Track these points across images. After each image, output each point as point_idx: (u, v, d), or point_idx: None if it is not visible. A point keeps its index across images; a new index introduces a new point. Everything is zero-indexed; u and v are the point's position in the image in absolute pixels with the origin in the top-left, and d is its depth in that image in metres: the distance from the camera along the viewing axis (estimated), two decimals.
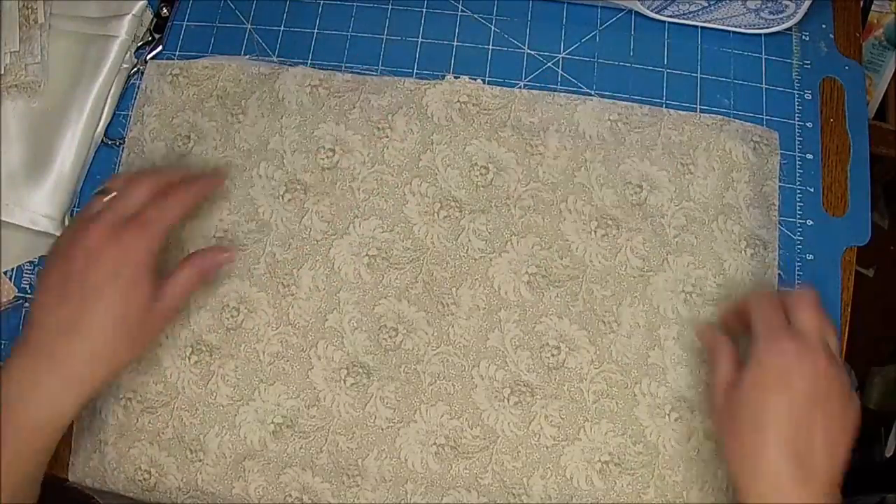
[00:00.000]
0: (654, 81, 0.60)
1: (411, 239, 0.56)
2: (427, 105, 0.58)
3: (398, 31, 0.62)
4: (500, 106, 0.58)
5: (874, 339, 1.14)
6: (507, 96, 0.58)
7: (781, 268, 0.56)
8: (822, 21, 0.62)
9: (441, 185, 0.57)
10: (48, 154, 0.59)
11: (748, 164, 0.57)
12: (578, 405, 0.53)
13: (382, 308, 0.55)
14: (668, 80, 0.60)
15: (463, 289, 0.55)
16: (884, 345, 1.18)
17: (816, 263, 0.57)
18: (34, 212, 0.58)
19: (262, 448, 0.53)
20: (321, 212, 0.57)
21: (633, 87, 0.60)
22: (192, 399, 0.54)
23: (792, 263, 0.56)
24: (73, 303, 0.47)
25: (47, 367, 0.46)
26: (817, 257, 0.57)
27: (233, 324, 0.55)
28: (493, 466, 0.52)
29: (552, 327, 0.54)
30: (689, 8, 0.60)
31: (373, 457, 0.53)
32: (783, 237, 0.57)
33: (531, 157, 0.57)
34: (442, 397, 0.53)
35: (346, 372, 0.54)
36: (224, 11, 0.64)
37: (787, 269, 0.56)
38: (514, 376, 0.54)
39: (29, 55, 0.60)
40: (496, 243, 0.56)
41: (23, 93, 0.60)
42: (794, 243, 0.57)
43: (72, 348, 0.46)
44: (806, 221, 0.57)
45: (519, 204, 0.56)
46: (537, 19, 0.62)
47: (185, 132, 0.59)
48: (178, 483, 0.53)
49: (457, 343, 0.54)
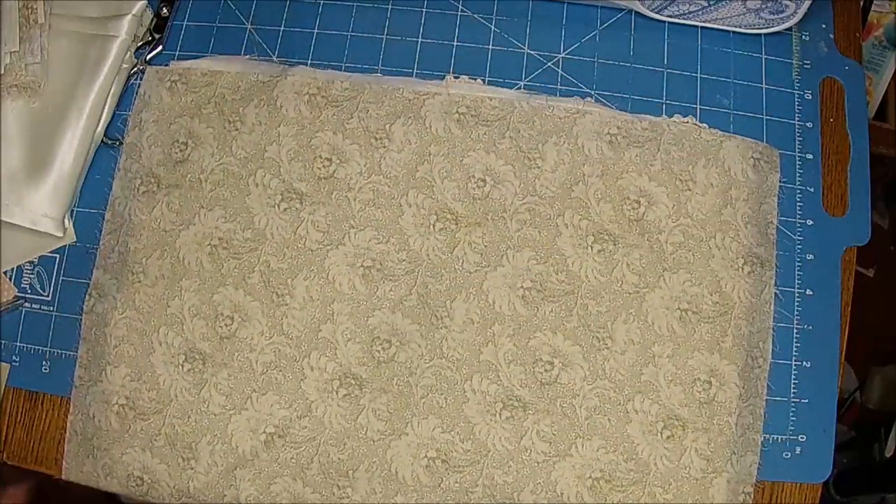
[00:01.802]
0: (654, 81, 0.60)
1: (406, 251, 0.56)
2: (425, 115, 0.58)
3: (398, 31, 0.62)
4: (499, 118, 0.58)
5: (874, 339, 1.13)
6: (506, 108, 0.58)
7: (779, 270, 0.56)
8: (822, 21, 0.62)
9: (437, 196, 0.57)
10: (48, 154, 0.59)
11: (747, 182, 0.56)
12: (570, 421, 0.53)
13: (376, 320, 0.55)
14: (668, 80, 0.60)
15: (457, 302, 0.55)
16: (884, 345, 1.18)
17: (816, 263, 0.57)
18: (34, 212, 0.58)
19: (253, 457, 0.53)
20: (317, 222, 0.56)
21: (633, 87, 0.60)
22: (184, 407, 0.54)
23: (792, 263, 0.56)
24: None
25: None
26: (817, 257, 0.57)
27: (226, 332, 0.55)
28: (483, 481, 0.52)
29: (546, 342, 0.54)
30: (689, 8, 0.60)
31: (363, 468, 0.53)
32: (783, 237, 0.57)
33: (529, 170, 0.57)
34: (434, 410, 0.53)
35: (339, 383, 0.54)
36: (224, 11, 0.64)
37: (787, 270, 0.56)
38: (507, 391, 0.53)
39: (29, 55, 0.60)
40: (492, 257, 0.55)
41: (23, 93, 0.60)
42: (794, 243, 0.57)
43: None
44: (806, 221, 0.57)
45: (516, 217, 0.56)
46: (537, 19, 0.62)
47: (182, 138, 0.59)
48: (170, 490, 0.54)
49: (450, 356, 0.54)
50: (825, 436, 0.54)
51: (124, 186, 0.59)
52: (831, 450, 0.54)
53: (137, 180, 0.59)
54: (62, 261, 0.59)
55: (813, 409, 0.54)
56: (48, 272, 0.59)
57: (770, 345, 0.54)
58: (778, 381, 0.55)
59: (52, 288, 0.59)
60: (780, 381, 0.54)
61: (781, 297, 0.56)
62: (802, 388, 0.55)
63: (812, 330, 0.55)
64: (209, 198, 0.57)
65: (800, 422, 0.54)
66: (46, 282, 0.59)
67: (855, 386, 1.19)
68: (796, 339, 0.55)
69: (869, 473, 1.12)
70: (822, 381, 0.55)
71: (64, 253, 0.59)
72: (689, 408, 0.53)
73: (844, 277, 0.56)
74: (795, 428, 0.54)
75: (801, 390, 0.55)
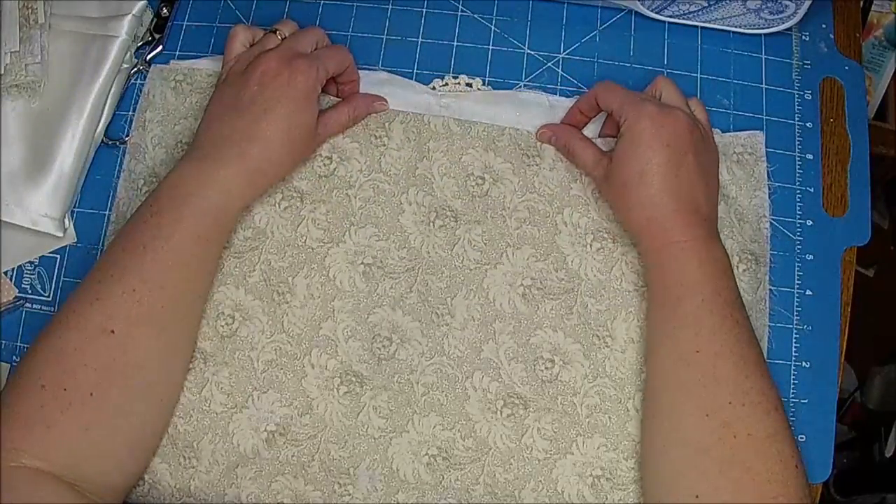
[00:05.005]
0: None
1: (407, 248, 0.56)
2: (424, 113, 0.58)
3: (398, 31, 0.62)
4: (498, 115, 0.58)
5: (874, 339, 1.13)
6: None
7: (779, 270, 0.56)
8: (822, 21, 0.62)
9: (437, 194, 0.57)
10: (48, 154, 0.59)
11: (734, 179, 0.57)
12: (571, 419, 0.53)
13: (377, 317, 0.55)
14: None
15: (458, 299, 0.55)
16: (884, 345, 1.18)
17: (816, 263, 0.57)
18: (34, 212, 0.58)
19: (254, 455, 0.53)
20: (317, 219, 0.57)
21: (633, 87, 0.59)
22: (186, 406, 0.54)
23: (792, 263, 0.56)
24: (248, 115, 0.52)
25: (220, 166, 0.51)
26: (817, 257, 0.57)
27: (227, 331, 0.55)
28: (484, 478, 0.52)
29: (546, 340, 0.54)
30: (689, 8, 0.60)
31: (365, 466, 0.53)
32: (783, 237, 0.57)
33: (528, 168, 0.57)
34: (435, 408, 0.53)
35: (340, 381, 0.54)
36: (224, 11, 0.64)
37: (787, 270, 0.56)
38: (508, 388, 0.53)
39: (29, 55, 0.60)
40: (491, 254, 0.56)
41: (23, 93, 0.60)
42: (793, 243, 0.57)
43: (247, 152, 0.52)
44: (806, 221, 0.57)
45: (515, 215, 0.56)
46: (537, 19, 0.62)
47: (186, 139, 0.59)
48: (171, 489, 0.53)
49: (451, 354, 0.54)
50: (825, 436, 0.54)
51: (128, 187, 0.59)
52: (831, 450, 0.54)
53: (141, 181, 0.59)
54: (63, 261, 0.59)
55: (812, 409, 0.54)
56: (48, 272, 0.59)
57: (766, 343, 0.54)
58: (777, 381, 0.54)
59: (52, 288, 0.59)
60: (779, 381, 0.54)
61: (780, 297, 0.56)
62: (802, 388, 0.55)
63: (812, 330, 0.55)
64: None
65: (799, 422, 0.54)
66: (47, 282, 0.59)
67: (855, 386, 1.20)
68: (796, 339, 0.55)
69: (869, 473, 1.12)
70: (821, 381, 0.55)
71: (64, 253, 0.59)
72: None
73: (844, 277, 0.56)
74: (795, 428, 0.54)
75: (800, 390, 0.55)
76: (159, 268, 0.49)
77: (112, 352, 0.47)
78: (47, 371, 0.47)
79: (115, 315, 0.48)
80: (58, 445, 0.46)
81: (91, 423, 0.47)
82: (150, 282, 0.49)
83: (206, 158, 0.52)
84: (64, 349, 0.47)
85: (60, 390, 0.46)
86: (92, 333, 0.47)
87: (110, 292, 0.48)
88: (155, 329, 0.49)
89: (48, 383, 0.46)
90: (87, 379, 0.47)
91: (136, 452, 0.51)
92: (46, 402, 0.46)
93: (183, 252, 0.50)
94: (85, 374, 0.47)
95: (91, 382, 0.47)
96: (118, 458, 0.49)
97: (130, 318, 0.48)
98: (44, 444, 0.45)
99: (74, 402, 0.46)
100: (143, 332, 0.49)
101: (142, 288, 0.48)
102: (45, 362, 0.47)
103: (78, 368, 0.47)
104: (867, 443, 1.14)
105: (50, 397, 0.46)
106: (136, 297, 0.48)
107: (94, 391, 0.47)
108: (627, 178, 0.50)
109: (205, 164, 0.51)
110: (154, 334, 0.49)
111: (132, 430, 0.49)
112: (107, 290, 0.49)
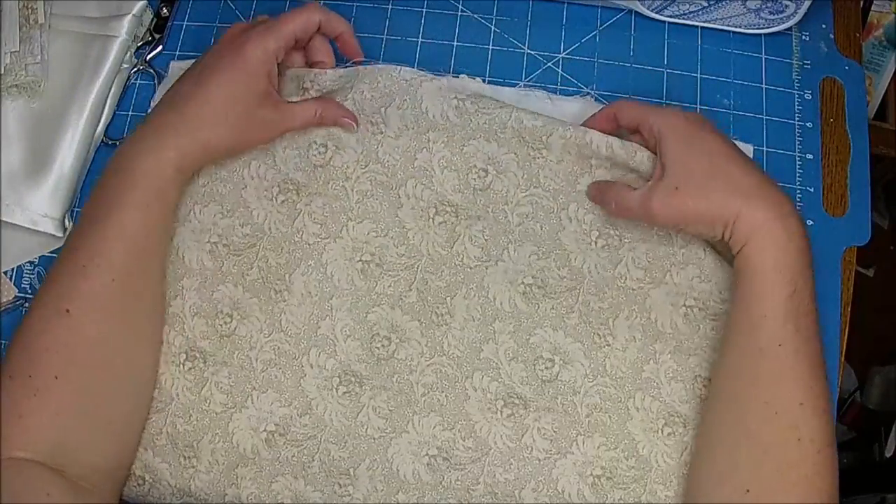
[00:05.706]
0: (654, 81, 0.60)
1: (405, 245, 0.55)
2: (422, 98, 0.56)
3: (398, 31, 0.62)
4: (501, 106, 0.56)
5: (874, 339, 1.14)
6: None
7: None
8: (822, 21, 0.62)
9: (437, 187, 0.56)
10: (48, 154, 0.59)
11: None
12: (571, 418, 0.53)
13: (375, 316, 0.55)
14: (668, 80, 0.60)
15: (457, 298, 0.54)
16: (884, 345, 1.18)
17: (816, 263, 0.56)
18: (34, 212, 0.58)
19: (254, 455, 0.53)
20: (314, 213, 0.56)
21: (633, 87, 0.60)
22: (185, 405, 0.54)
23: None
24: (191, 79, 0.53)
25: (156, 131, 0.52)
26: (817, 257, 0.56)
27: (226, 330, 0.55)
28: (484, 478, 0.52)
29: (547, 339, 0.54)
30: (689, 8, 0.60)
31: (364, 466, 0.53)
32: None
33: (533, 161, 0.55)
34: (435, 408, 0.53)
35: (339, 380, 0.54)
36: (224, 11, 0.64)
37: None
38: (508, 388, 0.53)
39: (29, 55, 0.60)
40: (492, 251, 0.55)
41: (23, 93, 0.60)
42: None
43: (183, 111, 0.52)
44: (806, 221, 0.57)
45: (517, 210, 0.55)
46: (537, 19, 0.62)
47: None
48: (172, 489, 0.53)
49: (450, 354, 0.54)
50: None
51: None
52: None
53: None
54: None
55: None
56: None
57: None
58: None
59: None
60: None
61: None
62: None
63: None
64: (203, 193, 0.57)
65: None
66: None
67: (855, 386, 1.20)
68: None
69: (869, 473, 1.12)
70: None
71: None
72: (690, 404, 0.52)
73: (844, 277, 0.56)
74: None
75: None
76: (105, 243, 0.49)
77: (70, 332, 0.48)
78: (13, 362, 0.48)
79: (68, 294, 0.48)
80: (35, 433, 0.47)
81: (60, 407, 0.47)
82: (98, 256, 0.49)
83: (147, 125, 0.52)
84: (27, 336, 0.48)
85: (27, 378, 0.47)
86: (49, 315, 0.48)
87: (62, 271, 0.49)
88: (109, 306, 0.49)
89: (15, 373, 0.47)
90: (49, 363, 0.47)
91: (114, 435, 0.51)
92: (15, 392, 0.47)
93: (126, 225, 0.50)
94: (48, 359, 0.47)
95: (54, 366, 0.47)
96: (94, 441, 0.49)
97: (83, 296, 0.48)
98: (21, 435, 0.46)
99: (41, 388, 0.47)
100: (97, 308, 0.49)
101: (90, 264, 0.49)
102: (12, 354, 0.48)
103: (41, 354, 0.47)
104: (867, 443, 1.14)
105: (19, 386, 0.47)
106: (85, 272, 0.49)
107: (58, 374, 0.47)
108: (695, 166, 0.49)
109: (146, 130, 0.52)
110: (109, 312, 0.49)
111: (101, 411, 0.50)
112: (59, 269, 0.50)
